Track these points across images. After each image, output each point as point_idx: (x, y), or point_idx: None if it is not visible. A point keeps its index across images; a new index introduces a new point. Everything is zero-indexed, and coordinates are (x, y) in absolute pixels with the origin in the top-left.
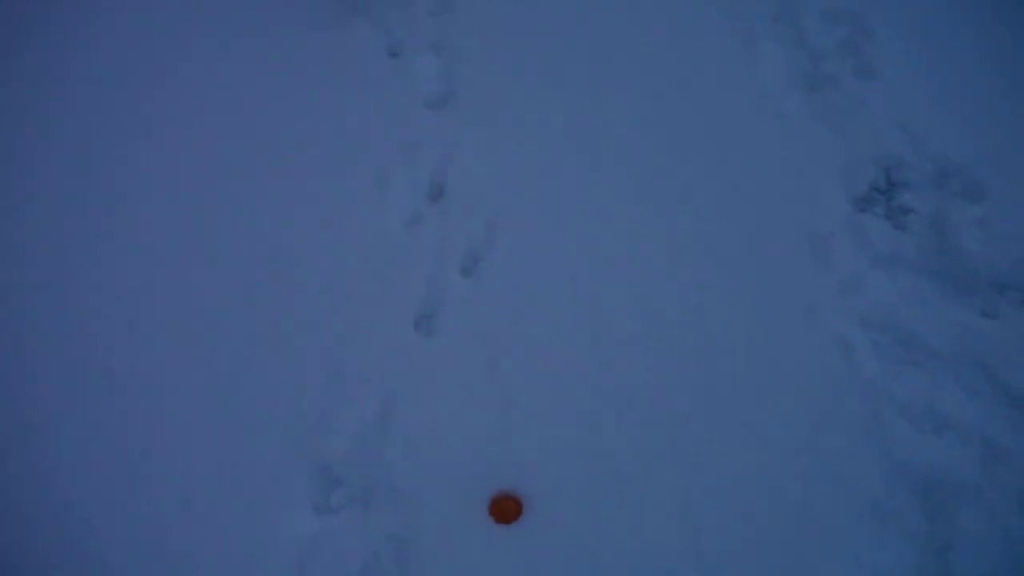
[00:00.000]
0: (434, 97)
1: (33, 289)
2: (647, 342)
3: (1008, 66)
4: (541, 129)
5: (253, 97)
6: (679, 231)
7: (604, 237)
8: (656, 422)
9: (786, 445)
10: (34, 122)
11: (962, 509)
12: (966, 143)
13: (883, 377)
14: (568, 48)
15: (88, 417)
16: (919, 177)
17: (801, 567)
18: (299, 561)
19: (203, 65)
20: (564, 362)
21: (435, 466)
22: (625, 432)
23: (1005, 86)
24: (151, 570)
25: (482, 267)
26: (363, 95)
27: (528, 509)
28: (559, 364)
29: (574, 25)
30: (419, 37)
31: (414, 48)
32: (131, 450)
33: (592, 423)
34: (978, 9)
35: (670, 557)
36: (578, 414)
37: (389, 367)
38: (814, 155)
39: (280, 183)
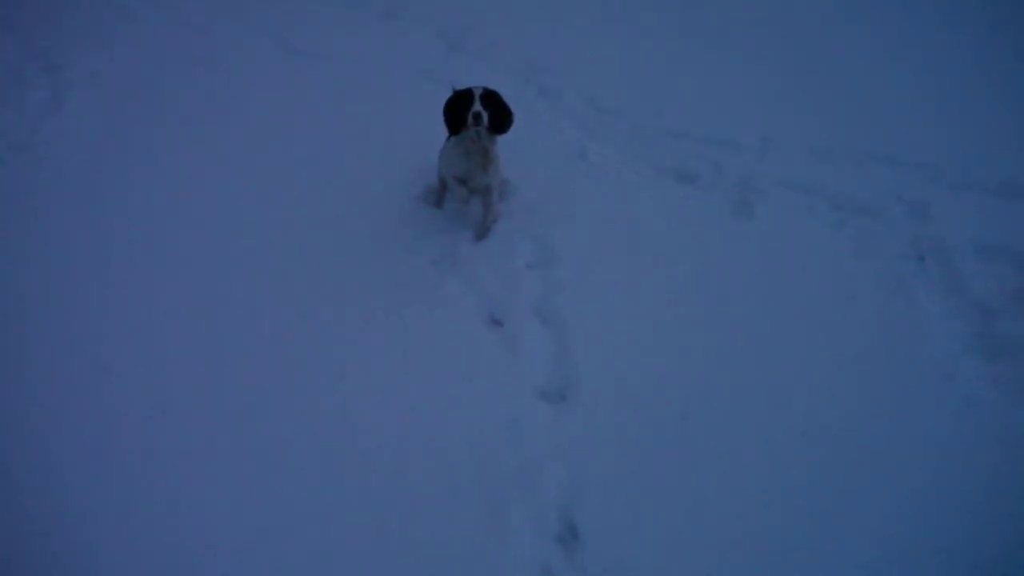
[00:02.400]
0: (548, 386)
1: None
2: None
3: None
4: (681, 433)
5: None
6: None
7: None
8: None
9: None
10: None
11: None
12: None
13: None
14: (692, 318)
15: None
16: None
17: None
18: None
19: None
20: None
21: None
22: None
23: None
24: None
25: None
26: (465, 385)
27: None
28: None
29: (692, 283)
30: (521, 298)
31: (518, 314)
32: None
33: None
34: None
35: None
36: None
37: None
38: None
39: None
